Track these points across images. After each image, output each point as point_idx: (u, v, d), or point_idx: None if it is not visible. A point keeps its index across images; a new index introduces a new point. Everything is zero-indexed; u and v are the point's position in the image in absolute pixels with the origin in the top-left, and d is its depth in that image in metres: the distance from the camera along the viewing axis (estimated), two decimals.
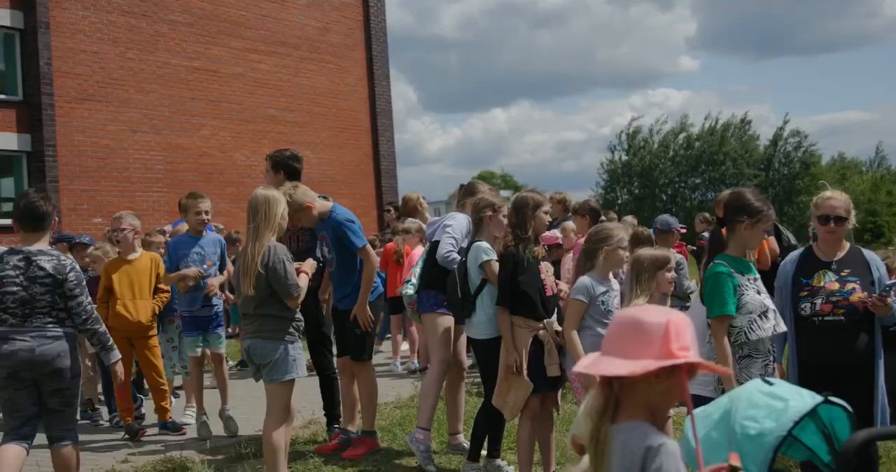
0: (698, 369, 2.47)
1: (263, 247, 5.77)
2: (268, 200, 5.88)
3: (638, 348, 2.40)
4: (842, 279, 5.13)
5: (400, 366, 11.63)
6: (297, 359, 5.92)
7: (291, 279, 5.80)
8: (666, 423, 2.59)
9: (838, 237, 5.24)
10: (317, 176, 18.63)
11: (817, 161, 54.51)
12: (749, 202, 4.92)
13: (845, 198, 5.29)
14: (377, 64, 22.13)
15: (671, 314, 2.45)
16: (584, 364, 2.50)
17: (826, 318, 5.09)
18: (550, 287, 6.02)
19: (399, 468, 6.79)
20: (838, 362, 5.06)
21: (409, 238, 10.99)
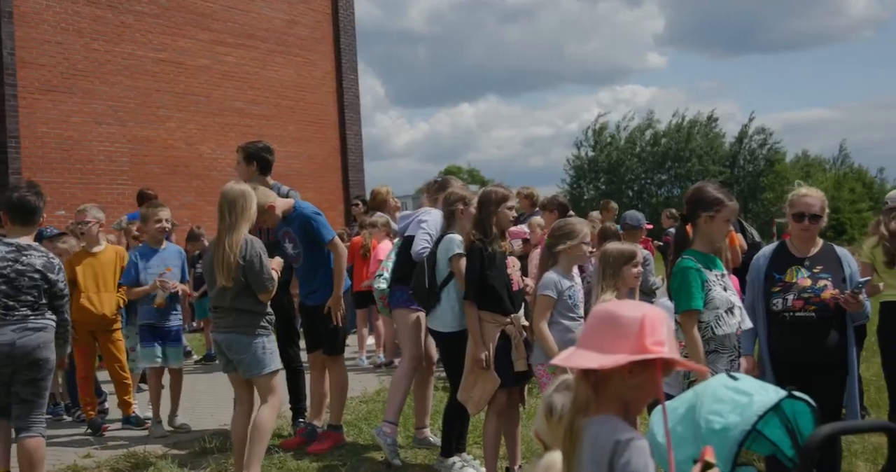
0: (674, 365, 2.47)
1: (241, 239, 5.83)
2: (244, 193, 5.96)
3: (613, 342, 2.40)
4: (814, 276, 5.17)
5: (366, 360, 11.62)
6: (273, 351, 6.07)
7: (267, 273, 5.89)
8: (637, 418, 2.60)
9: (812, 235, 5.29)
10: (283, 170, 18.48)
11: (782, 159, 54.95)
12: (707, 195, 4.91)
13: (821, 196, 5.34)
14: (345, 57, 22.02)
15: (647, 309, 2.46)
16: (560, 357, 2.51)
17: (797, 314, 5.13)
18: (517, 282, 6.03)
19: (364, 462, 6.78)
20: (809, 359, 5.11)
21: (376, 232, 10.97)
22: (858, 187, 56.73)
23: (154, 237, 8.07)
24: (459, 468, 6.34)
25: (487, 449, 6.01)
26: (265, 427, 6.01)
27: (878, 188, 59.30)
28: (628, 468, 2.32)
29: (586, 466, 2.43)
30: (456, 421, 6.43)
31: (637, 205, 49.01)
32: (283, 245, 7.09)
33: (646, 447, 2.38)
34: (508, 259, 6.01)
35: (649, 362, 2.37)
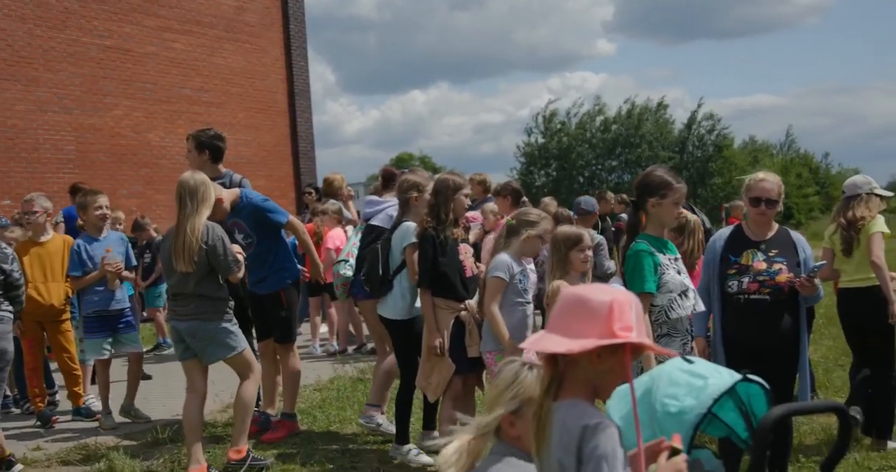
0: (644, 349, 2.46)
1: (202, 225, 5.89)
2: (204, 182, 6.05)
3: (581, 326, 2.38)
4: (769, 259, 5.24)
5: (319, 348, 11.58)
6: (237, 333, 6.19)
7: (231, 255, 5.98)
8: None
9: (768, 219, 5.36)
10: (233, 157, 18.30)
11: (730, 144, 55.44)
12: (652, 180, 4.93)
13: (778, 181, 5.42)
14: (295, 44, 21.83)
15: (617, 293, 2.44)
16: (528, 341, 2.50)
17: (752, 296, 5.20)
18: (470, 269, 6.03)
19: (319, 450, 6.76)
20: (762, 341, 5.17)
21: (327, 220, 10.93)
22: (805, 173, 57.47)
23: (95, 225, 7.92)
24: (415, 456, 6.34)
25: (443, 435, 6.00)
26: (248, 402, 6.25)
27: (823, 173, 60.19)
28: (596, 452, 2.31)
29: (555, 449, 2.42)
30: (409, 408, 6.45)
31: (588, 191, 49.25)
32: (234, 236, 7.02)
33: (614, 432, 2.37)
34: (461, 246, 6.01)
35: (618, 346, 2.36)
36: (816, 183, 57.55)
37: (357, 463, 6.45)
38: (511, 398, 2.70)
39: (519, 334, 5.72)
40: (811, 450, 6.42)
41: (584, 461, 2.33)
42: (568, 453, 2.37)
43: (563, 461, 2.39)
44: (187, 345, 6.14)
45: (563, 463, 2.39)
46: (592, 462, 2.30)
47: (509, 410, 2.71)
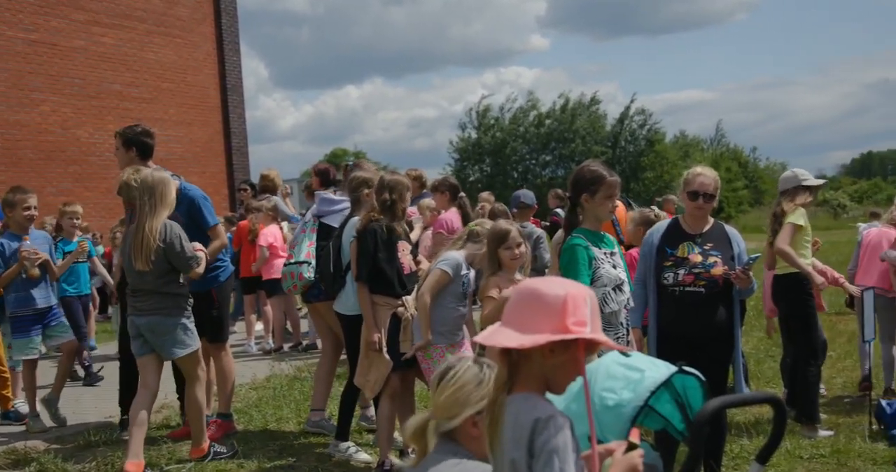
0: (598, 345, 2.45)
1: (160, 224, 5.96)
2: (162, 180, 6.09)
3: (535, 320, 2.36)
4: (705, 252, 5.32)
5: (255, 347, 11.48)
6: (193, 331, 6.26)
7: (189, 252, 6.05)
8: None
9: (705, 213, 5.45)
10: (164, 154, 18.07)
11: (661, 139, 56.11)
12: (585, 175, 4.97)
13: (714, 176, 5.50)
14: (227, 38, 21.57)
15: (571, 288, 2.42)
16: (482, 336, 2.48)
17: (687, 288, 5.27)
18: (408, 266, 6.01)
19: (256, 450, 6.69)
20: (697, 332, 5.24)
21: (261, 216, 10.85)
22: (734, 167, 58.43)
23: (20, 224, 7.75)
24: (354, 453, 6.31)
25: (381, 433, 5.99)
26: (200, 404, 6.35)
27: (752, 167, 61.27)
28: (548, 445, 2.30)
29: (507, 443, 2.40)
30: (353, 405, 6.44)
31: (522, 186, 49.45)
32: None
33: (567, 425, 2.36)
34: (400, 243, 5.99)
35: (571, 341, 2.34)
36: (746, 177, 58.58)
37: (295, 462, 6.40)
38: (480, 399, 2.69)
39: (450, 335, 5.73)
40: (745, 440, 6.53)
41: (536, 454, 2.31)
42: (519, 447, 2.36)
43: (515, 458, 2.37)
44: (145, 340, 6.16)
45: (514, 460, 2.37)
46: (544, 456, 2.29)
47: (476, 410, 2.70)
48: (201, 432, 6.40)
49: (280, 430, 7.31)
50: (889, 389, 7.70)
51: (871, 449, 6.24)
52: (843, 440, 6.43)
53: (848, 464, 5.97)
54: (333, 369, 7.19)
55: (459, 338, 5.83)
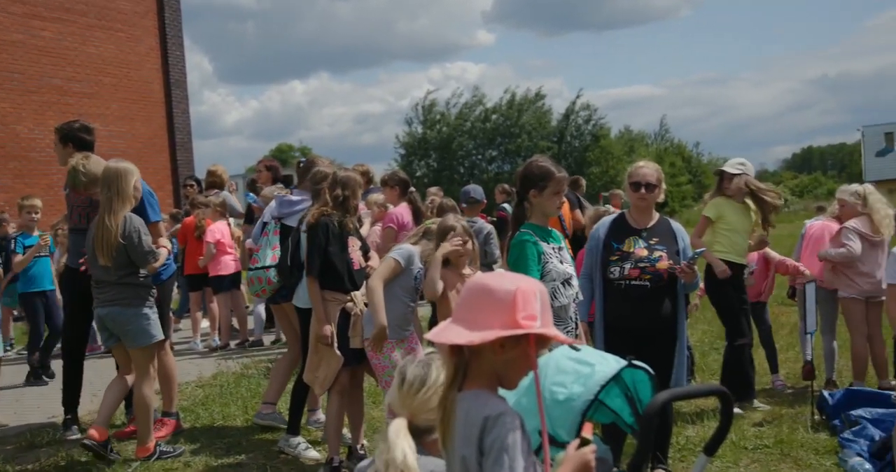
0: (549, 339, 2.45)
1: (120, 219, 6.01)
2: (119, 173, 6.11)
3: (485, 315, 2.35)
4: (650, 247, 5.39)
5: (201, 344, 11.36)
6: (157, 323, 6.31)
7: (147, 247, 6.11)
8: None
9: (649, 204, 5.52)
10: (107, 150, 17.77)
11: (606, 134, 56.48)
12: (533, 171, 5.02)
13: (656, 168, 5.63)
14: (170, 32, 21.31)
15: (522, 282, 2.40)
16: (432, 333, 2.45)
17: (633, 282, 5.33)
18: (358, 262, 5.99)
19: (204, 448, 6.63)
20: (642, 326, 5.30)
21: (209, 212, 10.74)
22: (678, 161, 59.05)
23: None
24: (304, 450, 6.29)
25: (330, 429, 5.96)
26: (146, 403, 6.28)
27: (695, 162, 61.96)
28: (497, 443, 2.28)
29: (458, 440, 2.39)
30: (303, 400, 6.44)
31: (469, 181, 49.55)
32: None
33: (516, 422, 2.34)
34: (350, 239, 5.97)
35: (522, 336, 2.33)
36: (689, 172, 59.22)
37: (243, 460, 6.36)
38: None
39: (399, 330, 5.72)
40: (690, 432, 6.61)
41: (486, 452, 2.30)
42: (469, 444, 2.35)
43: (465, 455, 2.36)
44: (111, 331, 6.27)
45: (465, 457, 2.36)
46: (493, 454, 2.28)
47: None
48: (147, 431, 6.34)
49: (227, 428, 7.24)
50: (830, 380, 7.84)
51: (813, 439, 6.35)
52: (786, 431, 6.53)
53: (791, 454, 6.07)
54: (294, 367, 7.14)
55: (409, 333, 5.82)
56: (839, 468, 5.77)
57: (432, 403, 2.69)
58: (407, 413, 2.68)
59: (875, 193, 7.66)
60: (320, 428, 6.90)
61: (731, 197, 7.39)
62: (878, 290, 7.48)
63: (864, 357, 7.63)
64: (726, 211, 7.37)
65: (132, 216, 6.12)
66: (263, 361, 10.08)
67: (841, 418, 6.53)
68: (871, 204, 7.50)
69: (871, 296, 7.55)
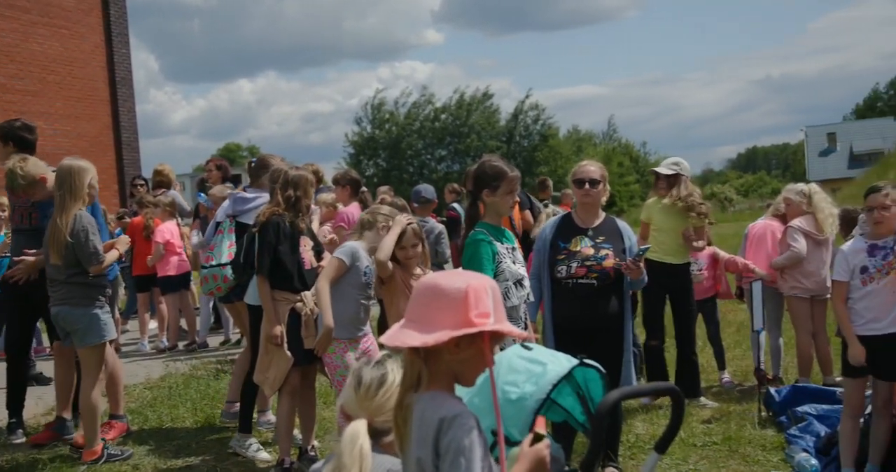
0: (503, 335, 2.44)
1: (70, 217, 5.97)
2: (72, 171, 6.09)
3: (438, 315, 2.33)
4: (597, 245, 5.43)
5: (148, 345, 11.22)
6: (107, 323, 6.22)
7: (92, 248, 6.03)
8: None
9: (593, 201, 5.56)
10: (51, 148, 17.54)
11: (555, 134, 56.91)
12: (486, 170, 5.05)
13: (599, 166, 5.71)
14: (116, 30, 21.01)
15: (472, 279, 2.40)
16: (386, 336, 2.43)
17: (580, 281, 5.37)
18: (309, 262, 5.96)
19: (152, 451, 6.56)
20: (589, 324, 5.34)
21: (158, 212, 10.62)
22: (626, 161, 59.66)
23: None
24: (255, 451, 6.24)
25: (281, 430, 5.92)
26: (94, 404, 6.21)
27: (643, 161, 62.60)
28: (453, 445, 2.27)
29: (414, 442, 2.38)
30: (254, 398, 6.40)
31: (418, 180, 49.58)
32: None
33: (472, 424, 2.33)
34: (302, 239, 5.93)
35: (477, 334, 2.32)
36: (637, 171, 59.80)
37: (193, 462, 6.30)
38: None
39: (353, 328, 5.70)
40: (640, 429, 6.67)
41: (442, 454, 2.29)
42: (424, 446, 2.34)
43: (421, 457, 2.35)
44: (66, 331, 6.25)
45: (420, 459, 2.35)
46: (450, 456, 2.27)
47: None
48: (94, 433, 6.26)
49: (176, 429, 7.17)
50: (777, 377, 7.95)
51: (760, 436, 6.44)
52: (734, 428, 6.61)
53: (739, 450, 6.15)
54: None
55: (362, 333, 5.79)
56: (786, 463, 5.86)
57: (390, 404, 2.67)
58: (364, 415, 2.66)
59: (820, 192, 7.78)
60: (270, 429, 6.86)
61: (663, 197, 7.52)
62: (823, 288, 7.62)
63: (810, 354, 7.76)
64: (653, 212, 7.56)
65: (83, 215, 6.06)
66: (212, 362, 9.98)
67: (787, 414, 6.64)
68: (815, 203, 7.62)
69: (816, 294, 7.67)
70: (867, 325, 5.14)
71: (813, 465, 5.64)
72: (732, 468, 5.84)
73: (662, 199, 7.56)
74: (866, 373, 5.32)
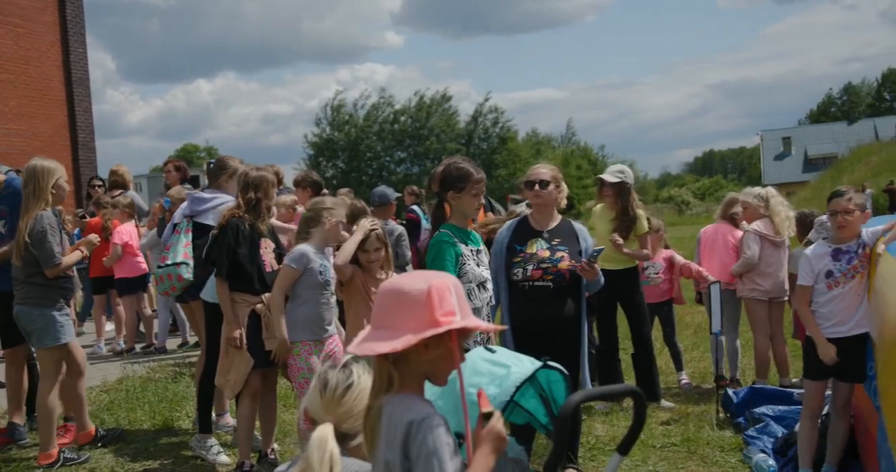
0: (471, 330, 2.43)
1: (32, 217, 5.99)
2: (36, 171, 6.11)
3: (403, 318, 2.33)
4: (552, 248, 5.45)
5: (104, 348, 11.10)
6: (64, 325, 6.18)
7: (49, 249, 6.01)
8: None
9: (544, 202, 5.58)
10: (4, 148, 17.35)
11: (514, 137, 57.12)
12: (451, 172, 5.07)
13: (551, 168, 5.75)
14: (72, 29, 20.75)
15: (433, 279, 2.39)
16: (353, 345, 2.41)
17: (536, 283, 5.39)
18: (270, 264, 5.92)
19: (108, 455, 6.49)
20: (546, 326, 5.35)
21: (116, 213, 10.50)
22: (584, 164, 59.98)
23: None
24: (216, 454, 6.19)
25: (241, 433, 5.87)
26: (49, 408, 6.18)
27: (601, 165, 62.98)
28: (424, 448, 2.27)
29: (382, 445, 2.37)
30: (210, 397, 6.37)
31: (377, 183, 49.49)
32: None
33: (442, 425, 2.33)
34: (263, 241, 5.89)
35: (445, 332, 2.31)
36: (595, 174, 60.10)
37: (151, 465, 6.24)
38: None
39: (317, 329, 5.67)
40: (600, 431, 6.70)
41: (414, 458, 2.28)
42: (393, 449, 2.33)
43: (389, 460, 2.34)
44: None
45: (388, 462, 2.35)
46: (423, 459, 2.26)
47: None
48: (50, 437, 6.20)
49: (134, 432, 7.09)
50: (734, 378, 8.03)
51: (719, 437, 6.50)
52: (692, 429, 6.67)
53: (698, 452, 6.20)
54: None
55: (327, 334, 5.74)
56: (744, 464, 5.91)
57: (357, 408, 2.66)
58: (330, 419, 2.65)
59: (777, 196, 7.89)
60: (229, 432, 6.81)
61: (607, 203, 7.55)
62: (781, 291, 7.72)
63: (767, 356, 7.84)
64: (596, 219, 7.59)
65: (44, 216, 6.04)
66: (170, 365, 9.89)
67: (745, 415, 6.71)
68: (772, 206, 7.72)
69: (774, 297, 7.76)
70: (832, 328, 5.20)
71: (770, 465, 5.70)
72: (691, 469, 5.89)
73: (605, 208, 7.56)
74: (828, 375, 5.39)
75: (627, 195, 7.39)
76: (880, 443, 4.38)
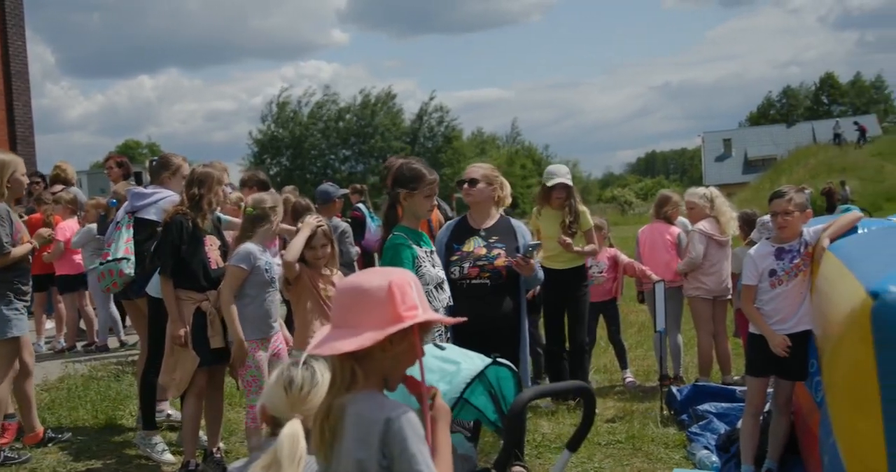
0: (432, 324, 2.46)
1: None
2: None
3: (365, 316, 2.33)
4: (489, 245, 5.50)
5: (44, 346, 10.92)
6: (11, 319, 6.07)
7: None
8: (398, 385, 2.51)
9: (475, 201, 5.70)
10: None
11: (459, 136, 57.24)
12: (404, 173, 5.05)
13: (484, 166, 5.86)
14: (11, 21, 20.37)
15: (392, 275, 2.40)
16: (313, 345, 2.39)
17: (473, 281, 5.43)
18: (215, 261, 5.87)
19: (50, 454, 6.40)
20: (485, 324, 5.32)
21: (59, 209, 10.35)
22: (529, 163, 60.33)
23: None
24: (161, 452, 6.14)
25: (186, 432, 5.82)
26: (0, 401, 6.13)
27: (545, 164, 63.41)
28: (407, 444, 2.27)
29: (350, 444, 2.34)
30: (152, 392, 6.31)
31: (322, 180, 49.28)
32: None
33: (416, 419, 2.33)
34: (208, 238, 5.84)
35: (408, 328, 2.33)
36: (539, 174, 60.47)
37: (94, 465, 6.16)
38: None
39: (264, 326, 5.64)
40: (546, 429, 6.75)
41: (396, 454, 2.28)
42: (367, 447, 2.31)
43: (362, 458, 2.32)
44: None
45: (361, 461, 2.32)
46: (407, 455, 2.27)
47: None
48: None
49: (77, 431, 6.98)
50: (678, 376, 8.12)
51: (663, 434, 6.58)
52: (637, 426, 6.74)
53: (643, 448, 6.27)
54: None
55: (273, 331, 5.72)
56: (688, 461, 6.00)
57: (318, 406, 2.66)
58: (297, 416, 2.63)
59: (721, 196, 8.02)
60: (162, 419, 6.76)
61: (549, 205, 7.56)
62: (724, 289, 7.84)
63: (710, 354, 7.94)
64: (539, 220, 7.63)
65: None
66: (112, 363, 9.77)
67: (689, 412, 6.80)
68: (717, 206, 7.84)
69: (717, 295, 7.88)
70: (775, 325, 5.28)
71: (713, 462, 5.79)
72: (636, 465, 5.96)
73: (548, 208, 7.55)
74: (770, 373, 5.48)
75: (573, 195, 7.45)
76: (823, 439, 4.46)
